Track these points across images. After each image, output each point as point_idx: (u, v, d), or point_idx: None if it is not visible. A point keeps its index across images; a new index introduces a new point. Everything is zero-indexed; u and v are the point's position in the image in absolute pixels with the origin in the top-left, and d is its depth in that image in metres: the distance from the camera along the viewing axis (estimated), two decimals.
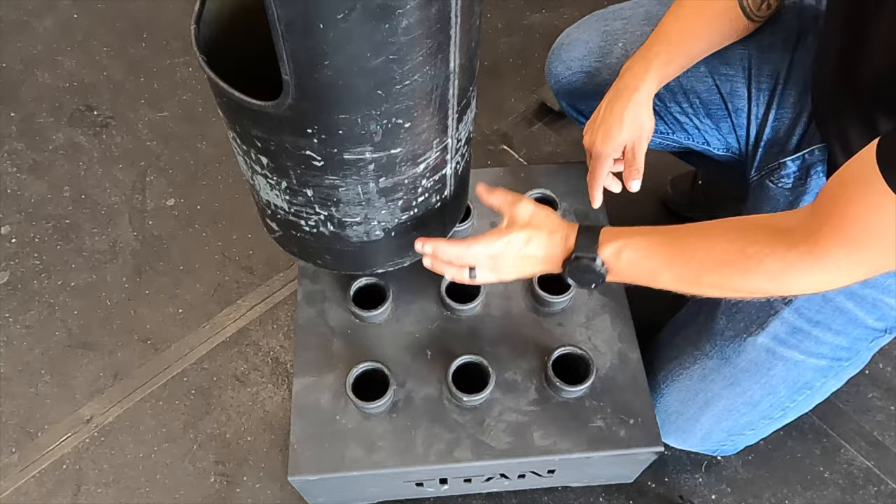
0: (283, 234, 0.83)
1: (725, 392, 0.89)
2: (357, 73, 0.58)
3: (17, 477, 1.10)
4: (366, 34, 0.55)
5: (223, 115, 0.71)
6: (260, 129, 0.66)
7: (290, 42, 0.55)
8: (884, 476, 1.07)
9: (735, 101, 0.95)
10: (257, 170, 0.73)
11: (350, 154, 0.67)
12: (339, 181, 0.70)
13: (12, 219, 1.37)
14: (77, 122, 1.51)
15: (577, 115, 1.10)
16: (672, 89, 0.98)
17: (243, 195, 1.38)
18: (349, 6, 0.52)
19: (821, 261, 0.63)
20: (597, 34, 1.03)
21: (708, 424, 0.91)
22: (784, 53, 0.91)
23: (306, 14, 0.53)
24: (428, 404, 0.89)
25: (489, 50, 1.59)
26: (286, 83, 0.58)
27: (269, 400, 1.15)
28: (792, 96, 0.91)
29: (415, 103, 0.64)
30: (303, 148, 0.66)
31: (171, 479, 1.09)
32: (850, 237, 0.60)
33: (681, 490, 1.05)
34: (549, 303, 0.94)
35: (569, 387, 0.86)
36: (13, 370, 1.20)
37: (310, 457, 0.86)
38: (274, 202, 0.77)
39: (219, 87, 0.64)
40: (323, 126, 0.63)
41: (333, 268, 0.88)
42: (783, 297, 0.85)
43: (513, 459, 0.86)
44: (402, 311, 0.96)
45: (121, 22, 1.67)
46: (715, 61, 0.94)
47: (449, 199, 0.83)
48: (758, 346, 0.86)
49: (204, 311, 1.25)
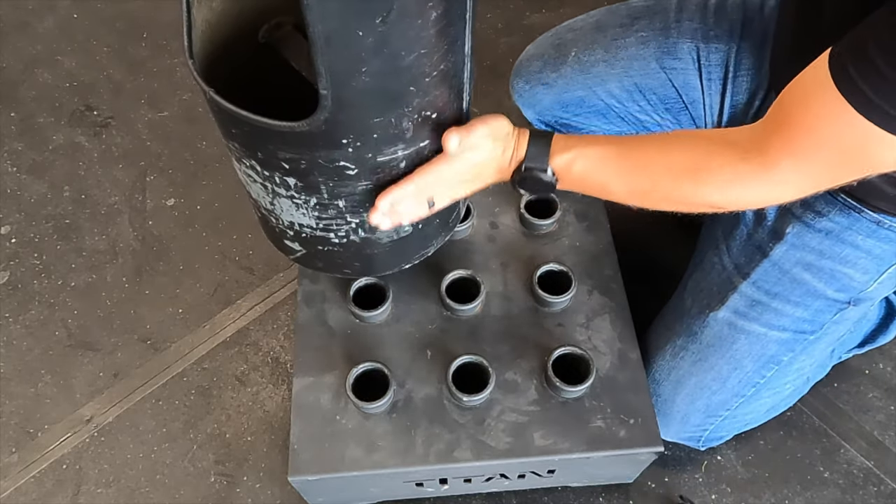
0: (308, 252, 0.81)
1: (694, 369, 0.91)
2: (392, 74, 0.58)
3: (16, 477, 1.10)
4: (400, 33, 0.55)
5: (239, 146, 0.68)
6: (290, 151, 0.64)
7: (328, 55, 0.53)
8: (884, 476, 1.07)
9: (690, 94, 0.98)
10: (281, 193, 0.71)
11: (383, 156, 0.66)
12: (373, 185, 0.69)
13: (12, 219, 1.37)
14: (77, 122, 1.51)
15: (545, 128, 1.11)
16: (628, 89, 1.00)
17: (243, 195, 1.37)
18: (387, 8, 0.52)
19: (770, 172, 0.63)
20: (551, 47, 1.07)
21: (683, 406, 0.93)
22: (730, 41, 0.94)
23: (346, 24, 0.52)
24: (428, 404, 0.89)
25: (489, 50, 1.59)
26: (323, 97, 0.57)
27: (269, 400, 1.15)
28: (745, 82, 0.93)
29: (440, 93, 0.64)
30: (337, 160, 0.64)
31: (171, 479, 1.09)
32: (801, 148, 0.61)
33: (681, 490, 1.05)
34: (549, 303, 0.94)
35: (569, 387, 0.86)
36: (13, 370, 1.20)
37: (310, 457, 0.86)
38: (299, 222, 0.75)
39: (239, 118, 0.61)
40: (358, 133, 0.62)
41: (363, 273, 0.85)
42: (737, 266, 0.87)
43: (513, 459, 0.86)
44: (402, 311, 0.96)
45: (121, 22, 1.67)
46: (664, 57, 0.97)
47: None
48: (719, 320, 0.89)
49: (204, 311, 1.25)
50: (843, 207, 0.80)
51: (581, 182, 0.74)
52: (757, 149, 0.64)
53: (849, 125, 0.56)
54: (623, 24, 1.01)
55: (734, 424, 0.97)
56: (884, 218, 0.78)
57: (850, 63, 0.55)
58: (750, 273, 0.87)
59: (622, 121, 1.04)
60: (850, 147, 0.58)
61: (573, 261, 0.99)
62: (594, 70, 1.01)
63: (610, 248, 1.01)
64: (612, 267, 0.99)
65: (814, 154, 0.61)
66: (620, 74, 1.00)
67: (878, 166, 0.60)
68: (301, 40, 0.78)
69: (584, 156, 0.72)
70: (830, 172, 0.62)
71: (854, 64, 0.55)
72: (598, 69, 1.01)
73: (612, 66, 1.00)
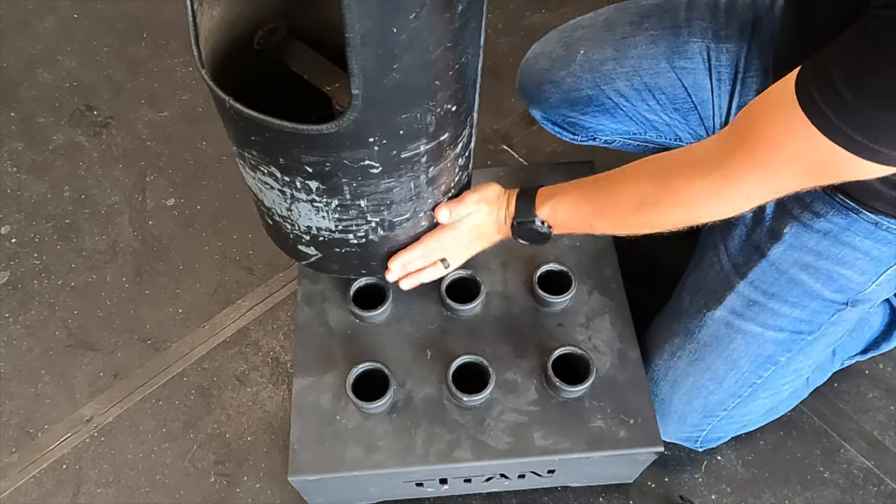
0: (324, 255, 0.81)
1: (691, 368, 0.91)
2: (420, 69, 0.58)
3: (16, 477, 1.10)
4: (430, 28, 0.56)
5: (258, 153, 0.67)
6: (314, 154, 0.63)
7: (362, 54, 0.53)
8: (884, 476, 1.06)
9: (699, 94, 0.98)
10: (301, 198, 0.70)
11: (407, 151, 0.66)
12: (395, 182, 0.69)
13: (12, 219, 1.37)
14: (77, 122, 1.51)
15: (551, 126, 1.12)
16: (637, 89, 1.00)
17: (243, 195, 1.38)
18: (421, 3, 0.53)
19: (735, 186, 0.66)
20: (559, 45, 1.07)
21: (680, 406, 0.93)
22: (741, 41, 0.94)
23: (381, 21, 0.52)
24: (428, 404, 0.89)
25: (489, 50, 1.58)
26: (355, 97, 0.57)
27: (269, 400, 1.15)
28: (754, 82, 0.93)
29: (461, 85, 0.65)
30: (362, 159, 0.64)
31: (171, 479, 1.09)
32: (766, 162, 0.62)
33: (681, 490, 1.05)
34: (549, 303, 0.94)
35: (569, 387, 0.86)
36: (13, 370, 1.20)
37: (310, 457, 0.86)
38: (317, 226, 0.75)
39: (263, 125, 0.60)
40: (385, 131, 0.62)
41: (379, 272, 0.85)
42: (735, 266, 0.89)
43: (513, 459, 0.86)
44: (402, 311, 0.96)
45: (121, 22, 1.67)
46: (674, 56, 0.97)
47: (471, 173, 0.84)
48: (716, 319, 0.89)
49: (204, 311, 1.25)
50: (841, 208, 0.80)
51: (569, 226, 0.81)
52: (720, 164, 0.66)
53: (814, 145, 0.57)
54: (633, 22, 1.01)
55: (732, 426, 0.97)
56: (881, 219, 0.78)
57: (814, 87, 0.56)
58: (747, 273, 0.87)
59: (630, 120, 1.03)
60: (816, 162, 0.60)
61: (573, 261, 0.99)
62: (603, 69, 1.01)
63: (610, 248, 1.01)
64: (612, 267, 0.99)
65: (779, 168, 0.62)
66: (630, 73, 0.99)
67: (846, 178, 0.61)
68: (299, 45, 0.78)
69: (561, 203, 0.79)
70: (798, 182, 0.64)
71: (818, 88, 0.56)
72: (607, 68, 1.01)
73: (621, 64, 1.00)
